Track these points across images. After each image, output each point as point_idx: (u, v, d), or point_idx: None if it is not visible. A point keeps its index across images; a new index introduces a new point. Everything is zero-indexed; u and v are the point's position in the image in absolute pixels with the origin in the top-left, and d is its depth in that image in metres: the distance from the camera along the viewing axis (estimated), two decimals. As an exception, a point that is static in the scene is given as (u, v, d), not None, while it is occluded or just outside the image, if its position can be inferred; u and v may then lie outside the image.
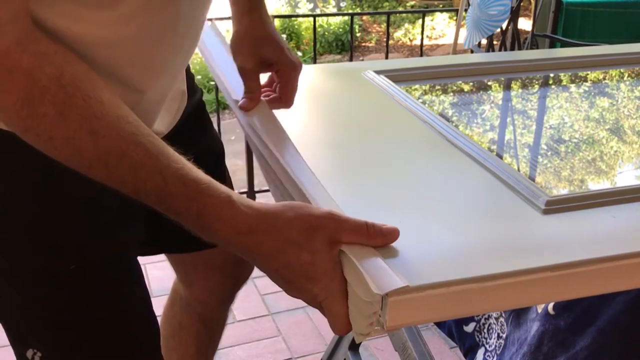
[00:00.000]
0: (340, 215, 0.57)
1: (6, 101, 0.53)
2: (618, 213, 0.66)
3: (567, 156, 0.92)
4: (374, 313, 0.53)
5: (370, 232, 0.57)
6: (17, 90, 0.53)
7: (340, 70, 1.29)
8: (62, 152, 0.56)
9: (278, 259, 0.56)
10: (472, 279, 0.53)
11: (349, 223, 0.56)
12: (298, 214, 0.56)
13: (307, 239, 0.55)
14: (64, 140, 0.55)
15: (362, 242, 0.56)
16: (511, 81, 1.25)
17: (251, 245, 0.56)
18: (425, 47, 5.22)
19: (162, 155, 0.56)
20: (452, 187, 0.72)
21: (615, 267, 0.57)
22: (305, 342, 1.78)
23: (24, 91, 0.53)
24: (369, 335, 0.54)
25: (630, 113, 1.13)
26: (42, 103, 0.54)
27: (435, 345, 1.73)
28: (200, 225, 0.56)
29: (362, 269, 0.53)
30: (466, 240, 0.61)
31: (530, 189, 0.69)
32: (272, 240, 0.55)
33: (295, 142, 0.82)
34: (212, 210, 0.56)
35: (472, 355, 1.19)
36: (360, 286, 0.53)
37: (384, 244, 0.57)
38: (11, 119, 0.55)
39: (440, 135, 0.85)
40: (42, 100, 0.54)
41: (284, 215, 0.56)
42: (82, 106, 0.55)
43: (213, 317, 1.14)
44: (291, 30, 5.80)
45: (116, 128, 0.56)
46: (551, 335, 0.99)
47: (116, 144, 0.55)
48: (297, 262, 0.55)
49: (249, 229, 0.56)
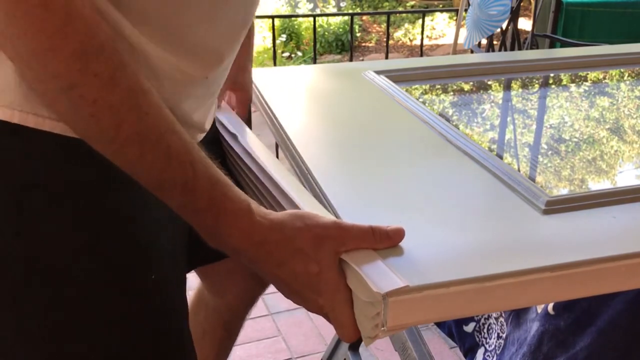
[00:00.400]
0: (346, 224, 0.57)
1: (61, 48, 0.48)
2: (618, 213, 0.66)
3: (567, 156, 0.92)
4: (378, 314, 0.53)
5: (376, 236, 0.57)
6: (75, 38, 0.48)
7: (340, 70, 1.29)
8: (100, 121, 0.51)
9: (285, 269, 0.55)
10: (473, 279, 0.53)
11: (354, 231, 0.57)
12: (306, 224, 0.56)
13: (314, 249, 0.55)
14: (107, 107, 0.50)
15: (369, 248, 0.57)
16: (511, 81, 1.25)
17: (261, 255, 0.56)
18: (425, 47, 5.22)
19: (194, 149, 0.54)
20: (453, 187, 0.72)
21: (616, 267, 0.57)
22: (305, 342, 1.78)
23: (80, 42, 0.48)
24: (377, 338, 0.55)
25: (630, 113, 1.13)
26: (97, 60, 0.49)
27: (435, 345, 1.73)
28: (214, 230, 0.55)
29: (362, 272, 0.53)
30: (466, 241, 0.61)
31: (531, 189, 0.69)
32: (281, 250, 0.55)
33: (295, 142, 0.83)
34: (231, 217, 0.54)
35: (472, 355, 1.19)
36: (361, 289, 0.53)
37: (391, 246, 0.57)
38: (59, 71, 0.49)
39: (441, 136, 0.85)
40: (97, 57, 0.49)
41: (294, 225, 0.56)
42: (132, 77, 0.51)
43: (237, 322, 1.13)
44: (291, 30, 5.80)
45: (159, 108, 0.53)
46: (551, 335, 0.99)
47: (157, 124, 0.52)
48: (304, 273, 0.55)
49: (262, 240, 0.55)
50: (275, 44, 2.80)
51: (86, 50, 0.48)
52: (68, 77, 0.49)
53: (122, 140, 0.51)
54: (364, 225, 0.57)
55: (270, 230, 0.55)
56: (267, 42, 5.51)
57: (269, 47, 5.35)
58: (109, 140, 0.52)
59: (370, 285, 0.52)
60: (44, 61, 0.48)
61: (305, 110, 1.00)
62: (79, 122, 0.52)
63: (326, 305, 0.56)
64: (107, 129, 0.51)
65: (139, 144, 0.52)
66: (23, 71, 0.51)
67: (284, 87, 1.09)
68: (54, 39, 0.48)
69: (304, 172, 0.76)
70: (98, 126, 0.51)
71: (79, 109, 0.50)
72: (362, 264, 0.54)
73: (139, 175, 0.54)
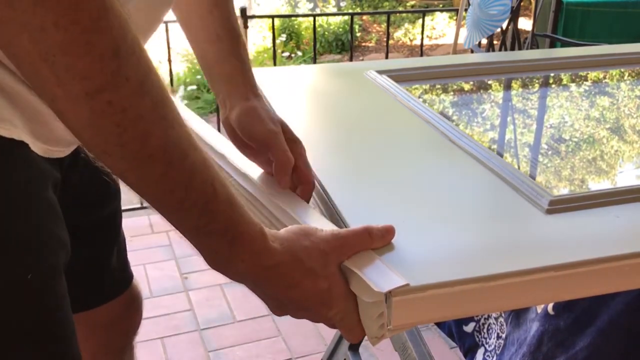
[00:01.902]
0: (344, 233, 0.57)
1: (96, 45, 0.42)
2: (621, 213, 0.66)
3: (568, 156, 0.92)
4: (382, 314, 0.53)
5: (372, 237, 0.57)
6: (110, 35, 0.42)
7: (341, 70, 1.29)
8: (125, 132, 0.45)
9: (297, 290, 0.54)
10: (476, 278, 0.53)
11: (352, 238, 0.57)
12: (313, 242, 0.55)
13: (322, 266, 0.54)
14: (136, 117, 0.44)
15: (366, 249, 0.57)
16: (511, 81, 1.25)
17: (272, 279, 0.54)
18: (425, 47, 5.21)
19: (214, 166, 0.50)
20: (455, 187, 0.72)
21: (619, 267, 0.57)
22: (305, 342, 1.78)
23: (115, 41, 0.43)
24: (383, 338, 0.55)
25: (630, 112, 1.13)
26: (128, 63, 0.44)
27: (435, 345, 1.73)
28: (226, 254, 0.52)
29: (362, 274, 0.54)
30: (470, 240, 0.61)
31: (534, 188, 0.69)
32: (293, 272, 0.54)
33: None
34: (247, 241, 0.52)
35: (472, 355, 1.19)
36: (363, 291, 0.54)
37: (385, 244, 0.58)
38: (89, 72, 0.42)
39: (444, 136, 0.85)
40: (128, 60, 0.44)
41: (302, 244, 0.54)
42: (157, 85, 0.46)
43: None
44: (291, 30, 5.80)
45: (181, 120, 0.48)
46: (551, 336, 0.99)
47: (182, 138, 0.47)
48: (315, 290, 0.54)
49: (274, 264, 0.53)
50: (275, 44, 2.80)
51: (119, 50, 0.43)
52: (98, 79, 0.43)
53: (146, 155, 0.46)
54: (359, 228, 0.57)
55: (282, 253, 0.53)
56: (267, 42, 5.50)
57: (268, 46, 5.34)
58: (130, 155, 0.46)
59: (371, 286, 0.52)
60: (74, 59, 0.42)
61: (307, 110, 1.00)
62: (97, 132, 0.45)
63: (336, 316, 0.56)
64: (131, 142, 0.45)
65: (164, 160, 0.47)
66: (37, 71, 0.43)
67: (284, 87, 1.09)
68: (89, 33, 0.41)
69: (306, 171, 0.76)
70: (122, 138, 0.45)
71: (103, 118, 0.44)
72: (362, 266, 0.55)
73: (154, 195, 0.49)
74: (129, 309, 0.97)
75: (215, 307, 1.92)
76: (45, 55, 0.42)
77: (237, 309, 1.91)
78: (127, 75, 0.44)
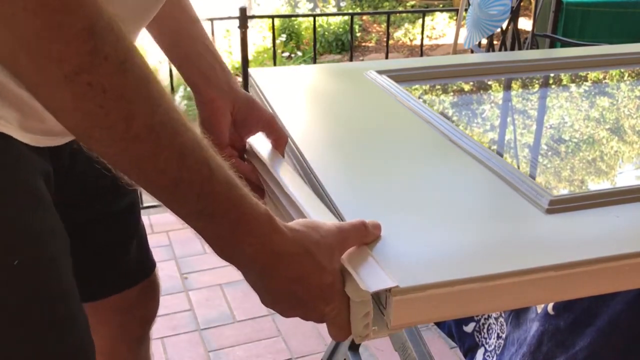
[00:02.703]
0: (345, 227, 0.57)
1: (68, 26, 0.41)
2: (621, 213, 0.66)
3: (568, 156, 0.92)
4: (367, 314, 0.53)
5: (368, 230, 0.58)
6: (84, 13, 0.41)
7: (341, 70, 1.29)
8: (109, 114, 0.44)
9: (302, 283, 0.53)
10: (477, 278, 0.53)
11: (352, 231, 0.57)
12: (322, 236, 0.54)
13: (329, 260, 0.54)
14: (118, 97, 0.43)
15: (363, 243, 0.57)
16: (511, 81, 1.25)
17: (278, 268, 0.52)
18: (425, 47, 5.22)
19: (208, 146, 0.49)
20: (455, 187, 0.72)
21: (619, 266, 0.57)
22: (305, 342, 1.78)
23: (89, 20, 0.41)
24: (367, 337, 0.55)
25: (630, 113, 1.13)
26: (106, 42, 0.42)
27: (435, 345, 1.73)
28: (230, 237, 0.50)
29: (354, 271, 0.53)
30: (469, 240, 0.61)
31: (534, 188, 0.69)
32: (302, 265, 0.53)
33: (298, 142, 0.83)
34: (253, 223, 0.50)
35: (472, 355, 1.19)
36: (352, 289, 0.54)
37: (376, 238, 0.59)
38: (64, 54, 0.41)
39: (444, 136, 0.85)
40: (105, 39, 0.42)
41: (311, 237, 0.54)
42: (140, 64, 0.45)
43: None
44: (291, 30, 5.80)
45: (169, 98, 0.47)
46: (551, 336, 0.99)
47: (170, 117, 0.47)
48: (319, 285, 0.53)
49: (283, 251, 0.52)
50: (275, 44, 2.81)
51: (95, 30, 0.42)
52: (75, 61, 0.42)
53: (133, 136, 0.45)
54: (357, 221, 0.58)
55: (293, 242, 0.52)
56: (267, 42, 5.51)
57: (268, 46, 5.35)
58: (117, 137, 0.45)
59: (359, 284, 0.52)
60: (47, 42, 0.41)
61: (307, 110, 1.00)
62: (82, 117, 0.44)
63: (331, 313, 0.55)
64: (117, 123, 0.44)
65: (152, 140, 0.46)
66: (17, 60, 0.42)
67: (284, 87, 1.09)
68: (59, 14, 0.40)
69: (307, 171, 0.76)
70: (106, 120, 0.44)
71: (85, 100, 0.43)
72: (356, 264, 0.55)
73: (148, 178, 0.48)
74: (145, 296, 0.98)
75: (215, 307, 1.92)
76: (20, 42, 0.41)
77: (237, 309, 1.91)
78: (106, 53, 0.42)
